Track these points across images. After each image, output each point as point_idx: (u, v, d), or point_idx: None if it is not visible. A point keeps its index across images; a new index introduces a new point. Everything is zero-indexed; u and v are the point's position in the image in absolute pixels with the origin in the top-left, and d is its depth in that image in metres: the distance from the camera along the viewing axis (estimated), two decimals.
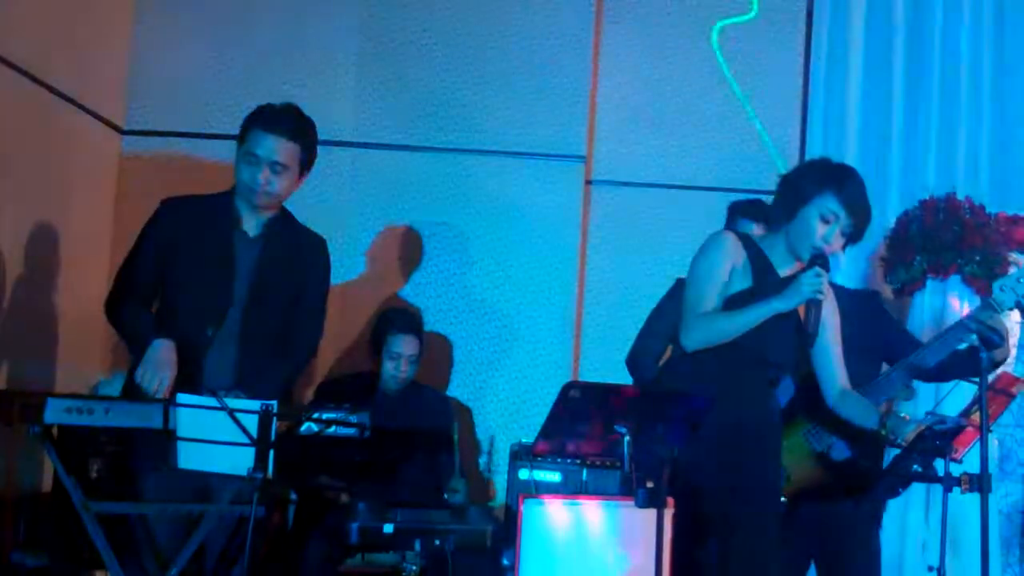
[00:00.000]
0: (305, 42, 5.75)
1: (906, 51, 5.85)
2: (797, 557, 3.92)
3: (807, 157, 5.78)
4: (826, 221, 3.44)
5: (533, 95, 5.74)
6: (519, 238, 5.69)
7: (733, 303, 3.46)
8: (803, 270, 3.44)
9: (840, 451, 3.74)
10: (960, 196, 5.35)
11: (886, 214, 5.65)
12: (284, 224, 3.90)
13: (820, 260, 3.43)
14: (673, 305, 4.02)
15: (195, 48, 5.71)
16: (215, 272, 3.73)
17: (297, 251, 3.88)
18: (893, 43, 5.84)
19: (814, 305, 3.40)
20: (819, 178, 3.51)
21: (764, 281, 3.49)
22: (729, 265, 3.50)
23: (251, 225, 3.82)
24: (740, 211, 4.73)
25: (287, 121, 3.76)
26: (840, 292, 3.95)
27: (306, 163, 3.84)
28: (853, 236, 3.52)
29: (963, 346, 3.72)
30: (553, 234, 5.69)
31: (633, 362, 4.54)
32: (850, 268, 5.65)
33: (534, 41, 5.77)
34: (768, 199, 4.75)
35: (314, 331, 3.95)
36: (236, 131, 3.85)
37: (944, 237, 5.18)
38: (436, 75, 5.77)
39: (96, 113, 5.34)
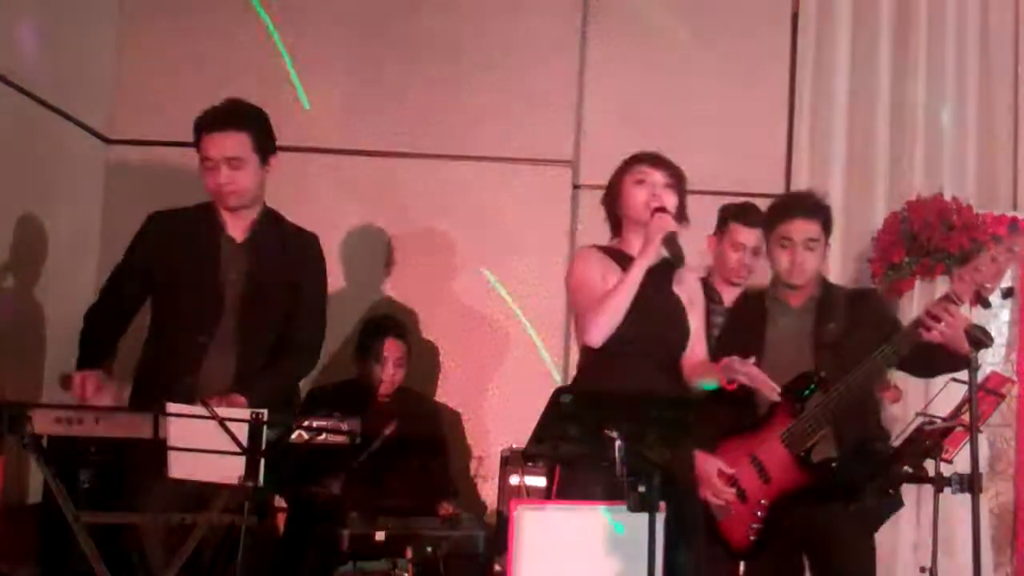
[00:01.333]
0: (292, 50, 5.74)
1: (891, 52, 5.86)
2: (791, 563, 3.91)
3: (794, 158, 5.81)
4: (640, 181, 3.72)
5: (520, 100, 5.74)
6: (507, 244, 5.69)
7: None
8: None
9: (821, 453, 3.74)
10: (947, 197, 5.36)
11: (873, 215, 5.66)
12: (271, 225, 3.88)
13: (660, 210, 3.65)
14: None
15: (181, 57, 5.70)
16: (204, 281, 3.73)
17: (288, 251, 3.87)
18: (879, 44, 5.86)
19: (671, 238, 3.61)
20: (621, 165, 3.84)
21: None
22: (599, 272, 3.69)
23: (238, 230, 3.82)
24: (734, 215, 4.73)
25: (229, 115, 3.76)
26: (838, 292, 3.96)
27: (264, 150, 3.81)
28: (677, 189, 3.74)
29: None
30: (541, 239, 5.69)
31: None
32: (839, 269, 5.66)
33: (520, 46, 5.78)
34: (758, 203, 4.77)
35: (314, 330, 3.92)
36: None
37: (932, 238, 5.18)
38: (423, 81, 5.77)
39: (82, 123, 5.32)
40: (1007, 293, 5.18)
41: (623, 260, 3.72)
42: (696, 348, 3.77)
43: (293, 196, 5.39)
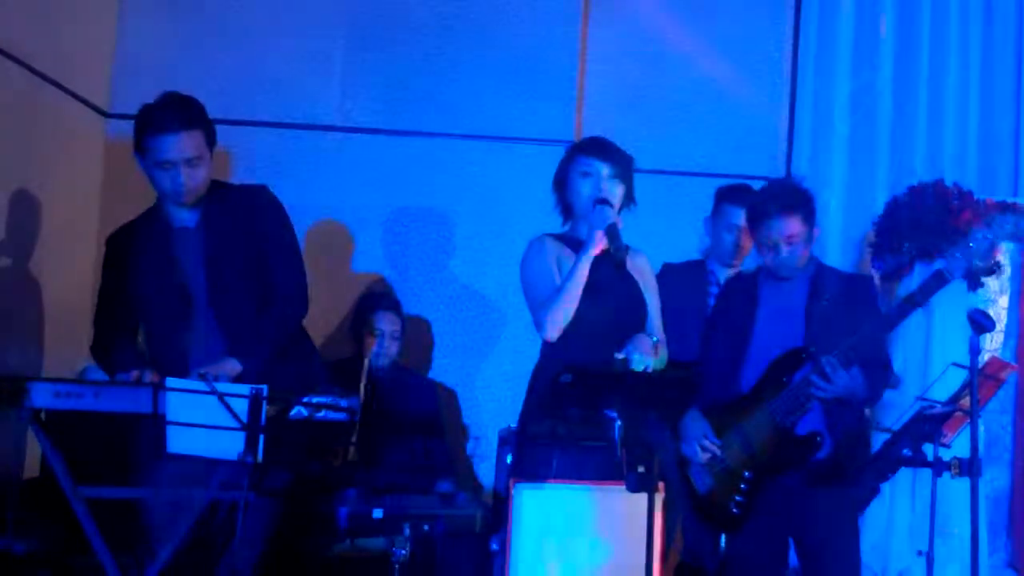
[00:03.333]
0: (292, 26, 5.72)
1: (895, 37, 5.86)
2: (775, 543, 3.92)
3: (795, 142, 5.80)
4: (586, 175, 3.79)
5: (521, 79, 5.72)
6: (506, 223, 5.67)
7: None
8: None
9: (804, 426, 3.74)
10: (948, 182, 5.36)
11: (875, 200, 5.66)
12: (217, 198, 3.82)
13: (602, 201, 3.74)
14: (660, 290, 4.03)
15: (181, 32, 5.66)
16: (166, 277, 3.72)
17: (239, 214, 3.80)
18: (882, 28, 5.85)
19: (612, 229, 3.68)
20: (567, 154, 3.94)
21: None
22: (553, 261, 3.80)
23: (187, 218, 3.78)
24: (727, 196, 4.72)
25: (176, 114, 3.66)
26: (832, 272, 3.96)
27: (212, 142, 3.76)
28: (623, 177, 3.83)
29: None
30: (540, 219, 5.66)
31: None
32: (839, 253, 5.66)
33: (522, 25, 5.75)
34: (756, 184, 4.77)
35: (294, 276, 3.86)
36: (222, 116, 3.83)
37: (932, 222, 5.18)
38: (423, 59, 5.75)
39: (81, 96, 5.30)
40: (993, 269, 5.16)
41: (577, 246, 3.78)
42: (654, 328, 3.84)
43: (292, 174, 5.42)
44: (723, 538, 4.18)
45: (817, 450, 3.70)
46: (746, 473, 3.79)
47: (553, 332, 3.69)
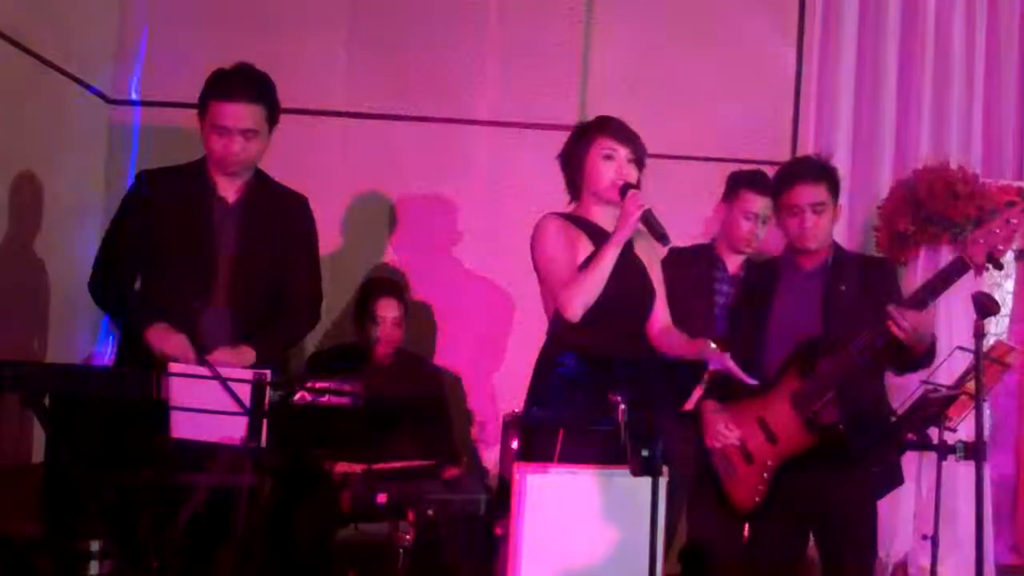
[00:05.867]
0: (297, 11, 5.71)
1: (900, 19, 5.84)
2: (795, 529, 3.92)
3: (800, 125, 5.78)
4: (609, 158, 3.69)
5: (525, 64, 5.70)
6: (510, 208, 5.67)
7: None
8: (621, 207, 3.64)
9: (827, 416, 3.73)
10: (953, 166, 5.34)
11: (879, 183, 5.64)
12: (262, 187, 3.85)
13: (628, 186, 3.64)
14: (667, 273, 4.02)
15: (184, 16, 5.67)
16: (197, 244, 3.70)
17: (278, 213, 3.84)
18: (887, 10, 5.83)
19: (649, 215, 3.59)
20: (581, 131, 3.82)
21: (600, 240, 3.66)
22: (566, 241, 3.70)
23: (229, 192, 3.78)
24: (746, 183, 4.70)
25: (245, 85, 3.71)
26: (852, 257, 3.96)
27: (273, 120, 3.79)
28: (639, 162, 3.74)
29: None
30: (544, 204, 5.64)
31: None
32: (844, 237, 5.64)
33: (526, 9, 5.74)
34: (765, 168, 4.76)
35: (312, 290, 3.90)
36: None
37: (937, 206, 5.17)
38: (428, 44, 5.74)
39: (84, 81, 5.30)
40: (1020, 255, 5.17)
41: (587, 227, 3.73)
42: (659, 310, 3.80)
43: (295, 158, 5.39)
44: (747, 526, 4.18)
45: (839, 439, 3.69)
46: (768, 462, 3.80)
47: (576, 314, 3.60)
